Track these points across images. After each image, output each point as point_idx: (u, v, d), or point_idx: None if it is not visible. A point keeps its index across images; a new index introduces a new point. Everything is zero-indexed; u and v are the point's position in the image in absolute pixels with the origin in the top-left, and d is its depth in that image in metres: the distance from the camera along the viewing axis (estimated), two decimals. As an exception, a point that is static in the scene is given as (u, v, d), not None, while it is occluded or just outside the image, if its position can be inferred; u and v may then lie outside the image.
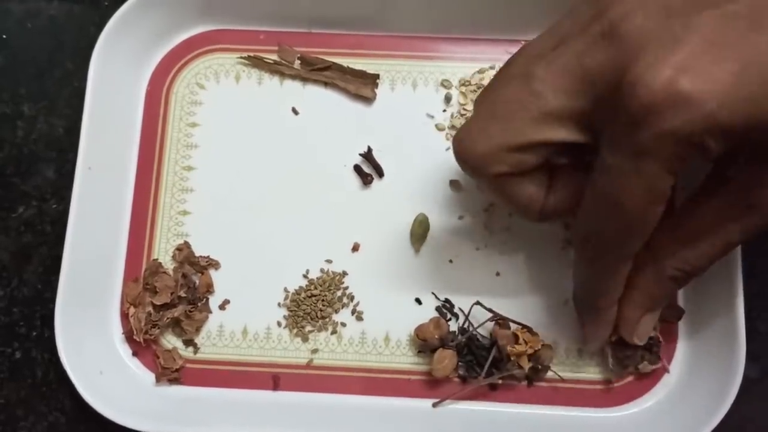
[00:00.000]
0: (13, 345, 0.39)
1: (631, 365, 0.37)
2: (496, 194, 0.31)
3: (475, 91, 0.40)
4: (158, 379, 0.38)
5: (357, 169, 0.40)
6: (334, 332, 0.39)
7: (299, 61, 0.41)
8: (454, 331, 0.38)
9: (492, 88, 0.30)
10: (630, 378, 0.37)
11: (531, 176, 0.30)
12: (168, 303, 0.38)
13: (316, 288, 0.39)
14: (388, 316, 0.39)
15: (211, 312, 0.39)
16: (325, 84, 0.41)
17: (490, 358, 0.37)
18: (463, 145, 0.30)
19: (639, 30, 0.25)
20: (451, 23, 0.41)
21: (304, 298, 0.39)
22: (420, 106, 0.41)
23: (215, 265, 0.39)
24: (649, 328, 0.34)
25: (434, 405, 0.37)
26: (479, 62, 0.41)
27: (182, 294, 0.38)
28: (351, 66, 0.41)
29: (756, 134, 0.25)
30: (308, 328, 0.39)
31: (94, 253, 0.38)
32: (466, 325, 0.38)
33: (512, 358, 0.37)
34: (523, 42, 0.40)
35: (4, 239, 0.40)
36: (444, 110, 0.41)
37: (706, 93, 0.24)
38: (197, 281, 0.39)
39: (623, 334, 0.34)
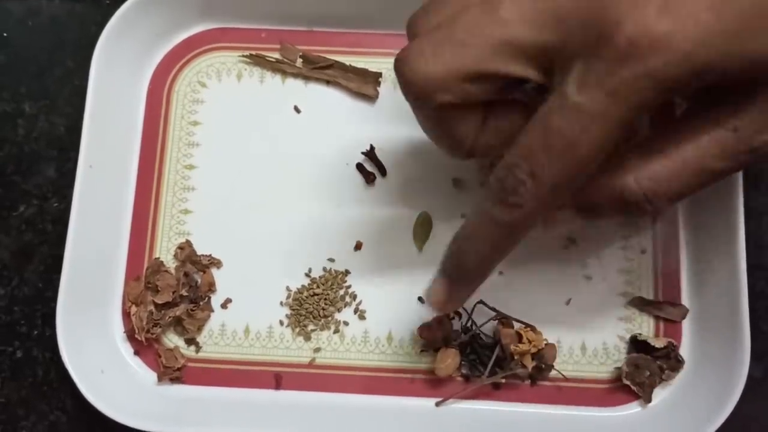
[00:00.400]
0: (14, 344, 0.39)
1: (656, 382, 0.36)
2: (429, 125, 0.30)
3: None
4: (160, 379, 0.38)
5: (359, 167, 0.40)
6: (336, 331, 0.38)
7: (301, 60, 0.41)
8: (457, 330, 0.38)
9: (443, 4, 0.28)
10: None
11: (469, 111, 0.29)
12: (170, 302, 0.38)
13: (318, 287, 0.39)
14: (391, 315, 0.38)
15: (213, 311, 0.39)
16: (328, 82, 0.41)
17: (494, 357, 0.37)
18: (411, 66, 0.27)
19: None
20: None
21: (307, 297, 0.38)
22: (422, 104, 0.41)
23: (217, 263, 0.39)
24: (562, 221, 0.31)
25: (437, 404, 0.37)
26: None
27: (184, 293, 0.38)
28: (353, 64, 0.41)
29: (735, 68, 0.24)
30: (310, 327, 0.38)
31: (96, 252, 0.38)
32: (469, 324, 0.38)
33: (516, 357, 0.36)
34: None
35: (5, 238, 0.40)
36: (446, 108, 0.41)
37: (685, 33, 0.23)
38: (199, 280, 0.39)
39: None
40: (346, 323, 0.39)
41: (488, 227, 0.28)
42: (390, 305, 0.39)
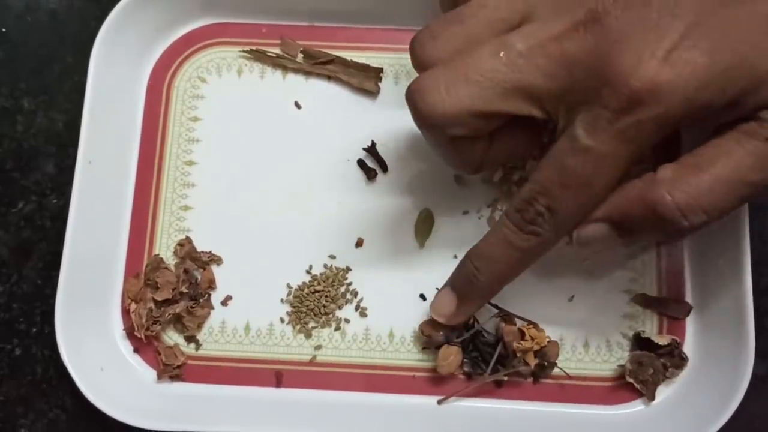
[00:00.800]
0: (13, 342, 0.39)
1: (659, 380, 0.36)
2: (439, 150, 0.32)
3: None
4: (160, 376, 0.37)
5: (361, 163, 0.40)
6: (337, 328, 0.38)
7: (302, 55, 0.41)
8: (460, 328, 0.37)
9: (452, 33, 0.29)
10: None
11: (478, 139, 0.31)
12: (169, 299, 0.38)
13: (319, 284, 0.38)
14: (392, 312, 0.38)
15: (213, 308, 0.39)
16: (329, 78, 0.41)
17: (496, 355, 0.36)
18: (425, 100, 0.29)
19: (621, 20, 0.26)
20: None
21: (308, 294, 0.38)
22: (424, 100, 0.40)
23: (217, 260, 0.39)
24: (597, 240, 0.30)
25: (439, 402, 0.37)
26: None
27: (184, 290, 0.38)
28: (354, 59, 0.41)
29: (736, 98, 0.26)
30: (311, 324, 0.38)
31: (95, 249, 0.38)
32: (471, 322, 0.37)
33: (518, 355, 0.36)
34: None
35: (3, 234, 0.40)
36: (448, 104, 0.40)
37: (686, 79, 0.25)
38: (199, 277, 0.39)
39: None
40: (347, 320, 0.38)
41: (505, 250, 0.31)
42: (391, 302, 0.38)
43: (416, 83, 0.29)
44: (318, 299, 0.38)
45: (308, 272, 0.39)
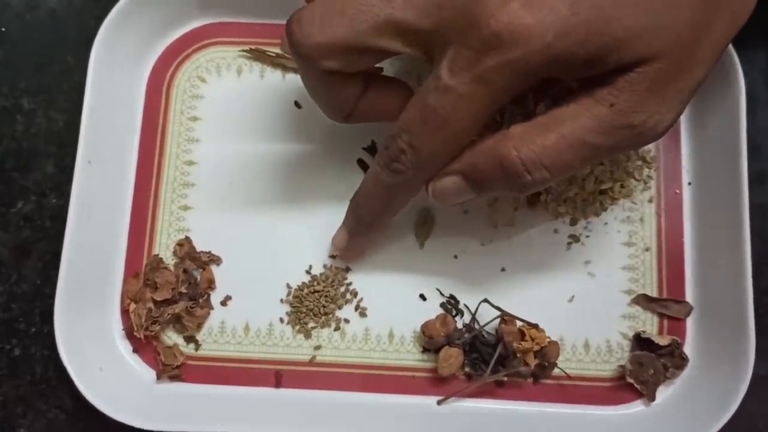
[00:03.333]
0: (12, 341, 0.39)
1: (660, 380, 0.36)
2: (312, 85, 0.32)
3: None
4: (159, 376, 0.37)
5: (360, 163, 0.40)
6: (337, 329, 0.38)
7: (302, 55, 0.41)
8: (461, 329, 0.37)
9: None
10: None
11: (351, 80, 0.31)
12: (169, 299, 0.38)
13: (319, 284, 0.38)
14: (392, 313, 0.38)
15: (212, 308, 0.38)
16: (328, 77, 0.41)
17: (496, 355, 0.36)
18: (301, 30, 0.29)
19: None
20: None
21: (307, 294, 0.38)
22: (424, 99, 0.40)
23: (217, 260, 0.39)
24: (450, 193, 0.31)
25: (439, 402, 0.37)
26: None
27: (183, 290, 0.38)
28: (354, 59, 0.40)
29: (593, 54, 0.26)
30: (311, 324, 0.38)
31: (94, 249, 0.38)
32: (472, 323, 0.37)
33: (518, 355, 0.36)
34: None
35: (3, 234, 0.40)
36: (448, 104, 0.40)
37: (545, 25, 0.25)
38: (198, 277, 0.39)
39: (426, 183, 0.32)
40: (346, 321, 0.38)
41: (375, 186, 0.32)
42: (391, 302, 0.38)
43: (296, 13, 0.29)
44: (318, 299, 0.38)
45: (308, 272, 0.39)
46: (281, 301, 0.38)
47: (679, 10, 0.26)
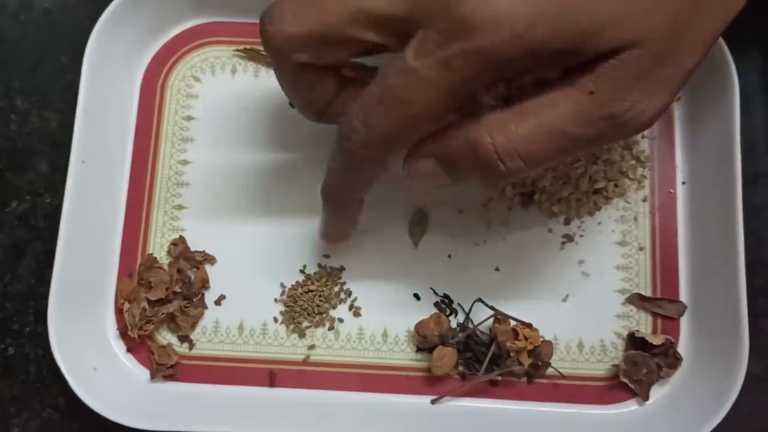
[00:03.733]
0: (6, 341, 0.39)
1: (653, 380, 0.36)
2: (285, 80, 0.31)
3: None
4: (153, 376, 0.37)
5: (355, 163, 0.40)
6: (331, 328, 0.38)
7: (296, 54, 0.41)
8: (455, 328, 0.37)
9: None
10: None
11: (325, 76, 0.31)
12: (163, 298, 0.38)
13: (313, 283, 0.38)
14: (386, 312, 0.38)
15: (206, 307, 0.38)
16: (323, 77, 0.41)
17: (490, 355, 0.36)
18: (272, 23, 0.29)
19: None
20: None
21: (301, 294, 0.38)
22: (418, 99, 0.40)
23: (211, 260, 0.39)
24: (425, 174, 0.30)
25: (433, 402, 0.37)
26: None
27: (177, 289, 0.38)
28: (349, 59, 0.40)
29: (567, 45, 0.25)
30: (305, 323, 0.38)
31: (88, 248, 0.38)
32: (466, 322, 0.37)
33: (512, 355, 0.36)
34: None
35: (-3, 234, 0.40)
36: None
37: (516, 13, 0.24)
38: (193, 276, 0.39)
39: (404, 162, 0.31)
40: (340, 320, 0.38)
41: (335, 166, 0.31)
42: (385, 302, 0.38)
43: (268, 8, 0.29)
44: (312, 299, 0.38)
45: (302, 272, 0.39)
46: (275, 300, 0.38)
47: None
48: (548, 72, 0.28)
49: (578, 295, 0.38)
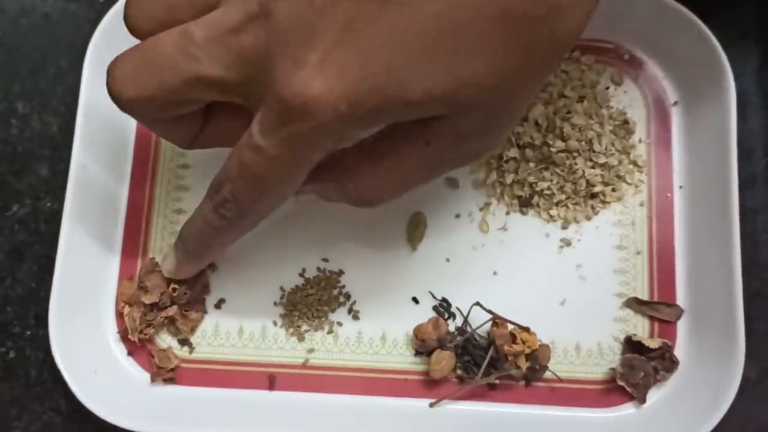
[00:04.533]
0: (7, 344, 0.39)
1: (650, 383, 0.36)
2: (146, 126, 0.31)
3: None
4: (153, 379, 0.37)
5: (353, 167, 0.40)
6: (330, 332, 0.38)
7: (295, 59, 0.41)
8: (453, 332, 0.38)
9: (158, 8, 0.29)
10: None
11: (184, 118, 0.30)
12: (157, 302, 0.38)
13: (312, 287, 0.38)
14: (385, 316, 0.38)
15: (206, 311, 0.39)
16: (322, 81, 0.41)
17: (488, 358, 0.37)
18: (113, 83, 0.28)
19: (285, 19, 0.24)
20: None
21: (300, 298, 0.38)
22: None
23: (211, 264, 0.39)
24: (308, 201, 0.33)
25: (431, 405, 0.37)
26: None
27: (177, 293, 0.38)
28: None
29: (396, 113, 0.25)
30: (304, 327, 0.38)
31: (89, 252, 0.38)
32: (464, 326, 0.38)
33: (510, 358, 0.36)
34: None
35: (-2, 238, 0.40)
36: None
37: (336, 94, 0.24)
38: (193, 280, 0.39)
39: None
40: (339, 324, 0.38)
41: (204, 224, 0.31)
42: (384, 305, 0.38)
43: (113, 63, 0.28)
44: (311, 302, 0.38)
45: (301, 275, 0.39)
46: (275, 304, 0.39)
47: (483, 58, 0.24)
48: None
49: (576, 299, 0.38)
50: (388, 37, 0.24)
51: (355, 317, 0.38)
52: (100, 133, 0.39)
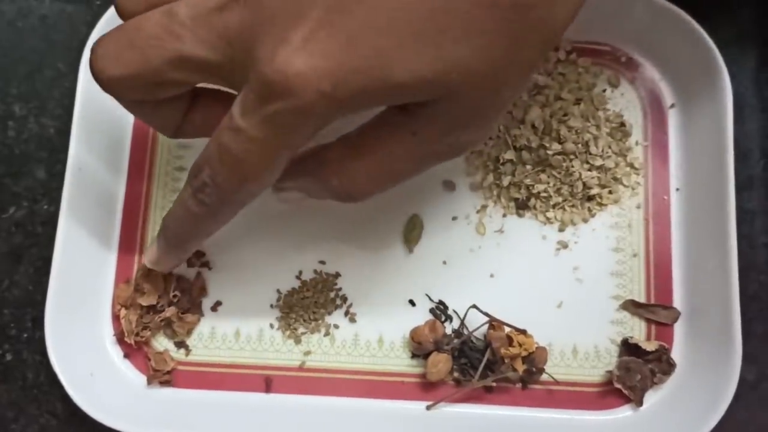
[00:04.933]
0: (4, 347, 0.39)
1: (647, 386, 0.36)
2: (129, 111, 0.31)
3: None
4: (149, 382, 0.37)
5: (350, 169, 0.40)
6: (327, 334, 0.38)
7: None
8: (450, 335, 0.38)
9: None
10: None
11: (167, 103, 0.30)
12: (155, 305, 0.38)
13: (308, 289, 0.38)
14: (382, 318, 0.38)
15: (203, 314, 0.39)
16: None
17: (484, 361, 0.37)
18: (96, 62, 0.28)
19: None
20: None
21: (297, 300, 0.38)
22: (414, 105, 0.40)
23: (207, 266, 0.39)
24: (294, 200, 0.33)
25: (428, 408, 0.37)
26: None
27: (174, 296, 0.38)
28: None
29: (380, 96, 0.25)
30: (301, 330, 0.38)
31: (85, 255, 0.38)
32: (461, 329, 0.38)
33: (506, 361, 0.36)
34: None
35: (-6, 240, 0.40)
36: (438, 110, 0.40)
37: (319, 73, 0.24)
38: (191, 282, 0.39)
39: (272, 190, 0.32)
40: (336, 326, 0.38)
41: (184, 211, 0.30)
42: (381, 308, 0.38)
43: (96, 42, 0.28)
44: (308, 305, 0.38)
45: (298, 278, 0.39)
46: (271, 306, 0.39)
47: (471, 43, 0.24)
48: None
49: (572, 302, 0.38)
50: (375, 18, 0.23)
51: (352, 320, 0.38)
52: (97, 135, 0.39)
